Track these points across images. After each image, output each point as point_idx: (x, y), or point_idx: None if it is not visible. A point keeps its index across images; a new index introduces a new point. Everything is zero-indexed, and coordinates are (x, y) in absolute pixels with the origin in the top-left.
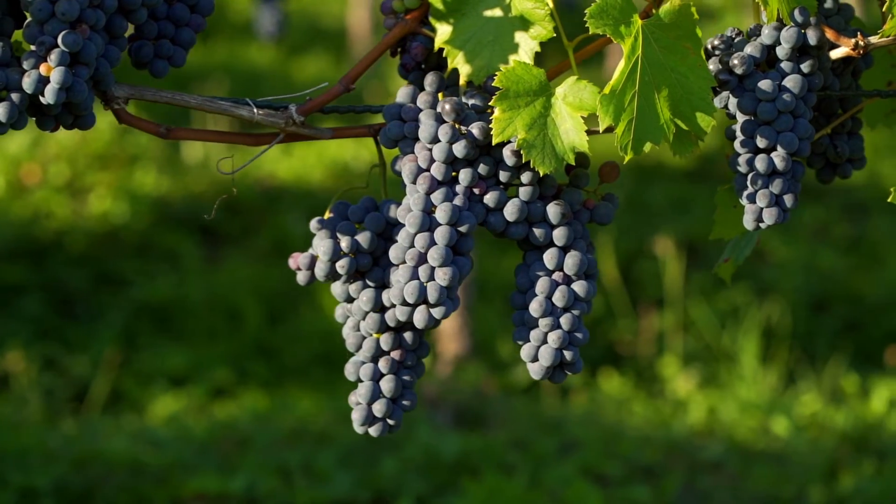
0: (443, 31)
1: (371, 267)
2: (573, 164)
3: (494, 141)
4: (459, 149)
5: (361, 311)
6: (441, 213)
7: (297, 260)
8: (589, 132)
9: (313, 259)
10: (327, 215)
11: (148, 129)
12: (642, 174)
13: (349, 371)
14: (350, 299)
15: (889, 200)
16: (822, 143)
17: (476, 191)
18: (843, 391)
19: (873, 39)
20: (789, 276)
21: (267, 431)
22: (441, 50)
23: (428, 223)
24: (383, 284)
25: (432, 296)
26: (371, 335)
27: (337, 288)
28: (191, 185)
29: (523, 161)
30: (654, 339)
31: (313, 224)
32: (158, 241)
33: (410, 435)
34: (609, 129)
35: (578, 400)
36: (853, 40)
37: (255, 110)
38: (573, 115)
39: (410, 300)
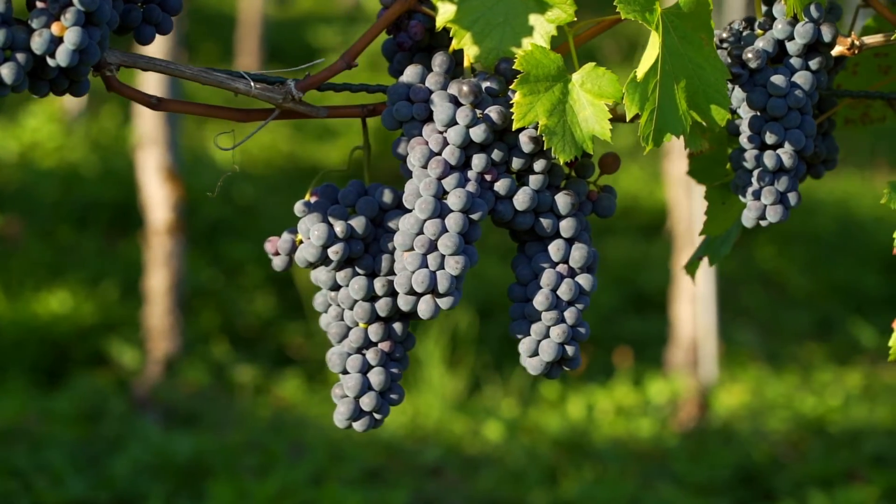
0: (445, 11)
1: (362, 254)
2: (591, 152)
3: (515, 126)
4: (478, 133)
5: (350, 300)
6: (454, 200)
7: (275, 244)
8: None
9: (294, 243)
10: (309, 198)
11: (139, 98)
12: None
13: (334, 362)
14: (336, 287)
15: (882, 202)
16: None
17: (487, 177)
18: (540, 396)
19: (868, 40)
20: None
21: None
22: (437, 30)
23: (439, 209)
24: (373, 272)
25: (442, 285)
26: (358, 325)
27: (322, 275)
28: None
29: (545, 148)
30: None
31: (298, 207)
32: None
33: (133, 435)
34: (635, 118)
35: (264, 401)
36: (849, 39)
37: (252, 84)
38: (594, 102)
39: (419, 289)
